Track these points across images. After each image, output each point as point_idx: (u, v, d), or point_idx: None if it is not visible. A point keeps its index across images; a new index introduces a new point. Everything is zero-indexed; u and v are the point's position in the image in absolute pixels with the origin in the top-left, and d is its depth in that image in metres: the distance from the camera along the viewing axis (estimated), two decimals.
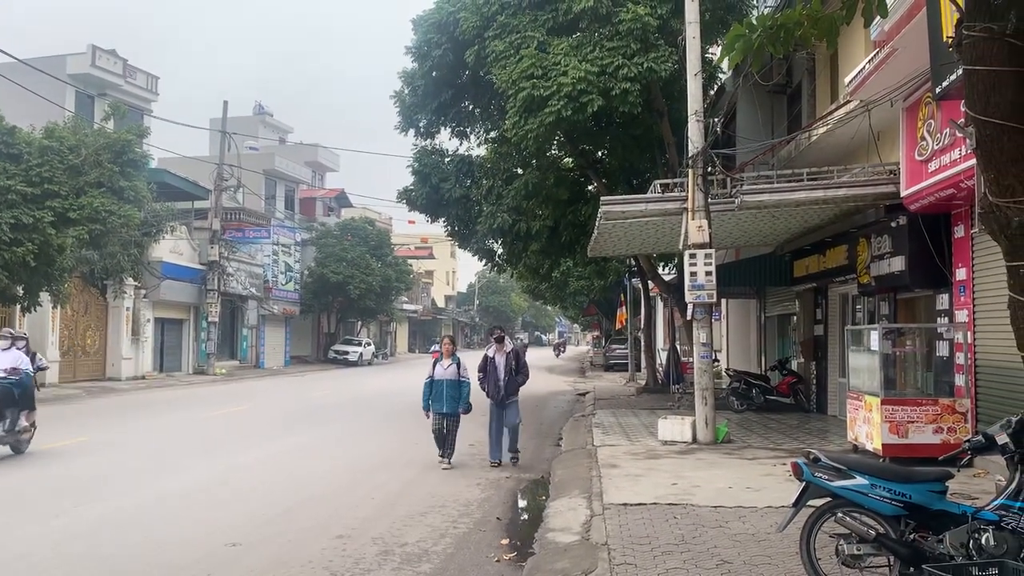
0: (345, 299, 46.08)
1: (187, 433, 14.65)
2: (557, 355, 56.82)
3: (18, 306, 21.79)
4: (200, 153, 41.65)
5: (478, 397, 11.31)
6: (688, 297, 12.10)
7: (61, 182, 19.97)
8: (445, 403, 10.75)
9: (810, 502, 5.17)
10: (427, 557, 6.55)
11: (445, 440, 10.83)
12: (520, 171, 19.64)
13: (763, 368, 19.93)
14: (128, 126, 24.08)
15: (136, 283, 30.18)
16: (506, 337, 11.71)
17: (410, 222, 44.81)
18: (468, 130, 20.29)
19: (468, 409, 11.00)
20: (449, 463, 10.76)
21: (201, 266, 34.79)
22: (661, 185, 12.91)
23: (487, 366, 11.16)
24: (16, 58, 22.68)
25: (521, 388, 11.40)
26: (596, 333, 55.93)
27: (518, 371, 11.20)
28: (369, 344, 50.42)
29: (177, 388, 27.73)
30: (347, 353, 46.55)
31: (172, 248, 32.63)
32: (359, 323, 53.40)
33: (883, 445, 9.62)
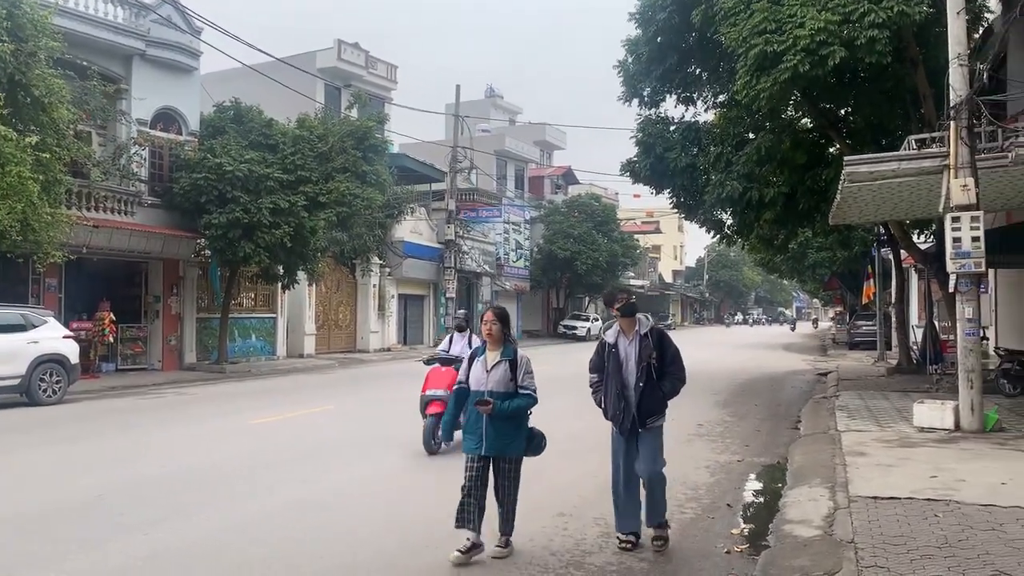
0: (572, 275, 46.58)
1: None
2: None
3: (279, 284, 24.03)
4: (437, 137, 43.73)
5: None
6: (950, 267, 10.67)
7: (312, 168, 21.63)
8: (486, 436, 5.75)
9: None
10: (651, 543, 6.21)
11: (484, 502, 5.79)
12: (752, 136, 18.47)
13: None
14: (370, 114, 25.63)
15: (381, 262, 32.35)
16: (639, 310, 6.49)
17: (635, 196, 44.46)
18: (694, 95, 19.37)
19: (535, 447, 6.11)
20: (503, 547, 5.84)
21: (439, 245, 36.56)
22: (916, 141, 11.47)
23: (605, 360, 6.25)
24: (274, 56, 24.90)
25: (671, 401, 6.23)
26: (839, 308, 52.31)
27: (663, 372, 6.11)
28: (596, 319, 50.65)
29: (418, 360, 29.28)
30: (575, 328, 47.06)
31: (412, 228, 34.59)
32: (586, 298, 53.77)
33: None
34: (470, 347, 9.07)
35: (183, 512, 7.02)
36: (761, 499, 8.08)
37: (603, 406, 6.29)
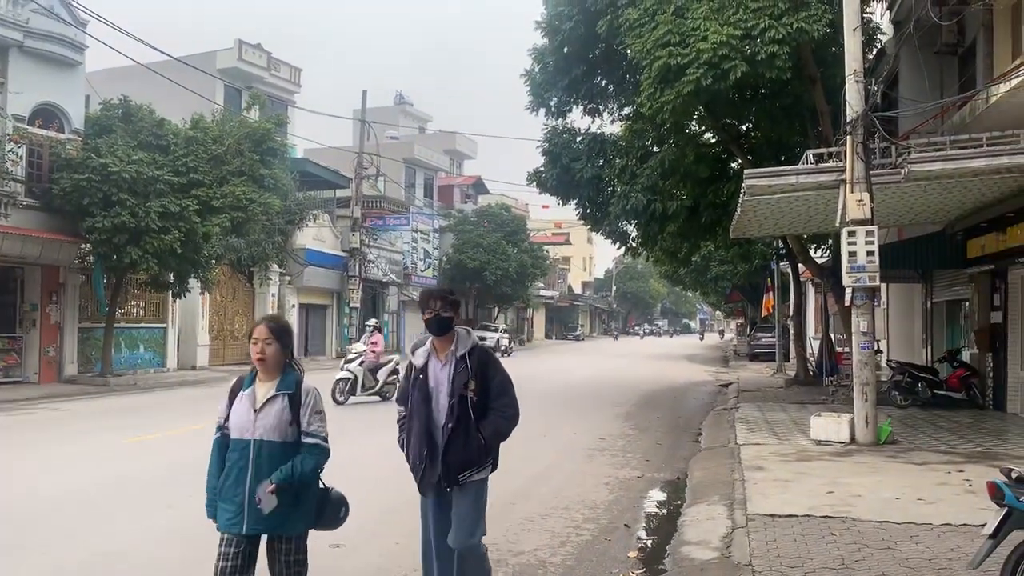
0: (482, 285, 46.29)
1: None
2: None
3: (170, 292, 22.82)
4: (344, 144, 42.76)
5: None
6: (846, 280, 10.80)
7: (205, 171, 20.61)
8: (249, 507, 3.93)
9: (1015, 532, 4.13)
10: (543, 569, 5.86)
11: None
12: (656, 148, 18.54)
13: (929, 359, 18.07)
14: (270, 116, 24.68)
15: (281, 270, 31.23)
16: (456, 324, 4.62)
17: (544, 207, 44.53)
18: (600, 107, 19.32)
19: (332, 518, 4.31)
20: None
21: (343, 253, 35.63)
22: (815, 155, 11.61)
23: (413, 389, 4.55)
24: (170, 55, 23.74)
25: (501, 445, 4.64)
26: (740, 320, 53.74)
27: (481, 409, 4.46)
28: (505, 330, 50.38)
29: (319, 372, 28.23)
30: (484, 339, 46.51)
31: (315, 236, 33.55)
32: (496, 309, 53.57)
33: None
34: None
35: (27, 544, 6.29)
36: (660, 518, 7.84)
37: (406, 453, 4.56)
